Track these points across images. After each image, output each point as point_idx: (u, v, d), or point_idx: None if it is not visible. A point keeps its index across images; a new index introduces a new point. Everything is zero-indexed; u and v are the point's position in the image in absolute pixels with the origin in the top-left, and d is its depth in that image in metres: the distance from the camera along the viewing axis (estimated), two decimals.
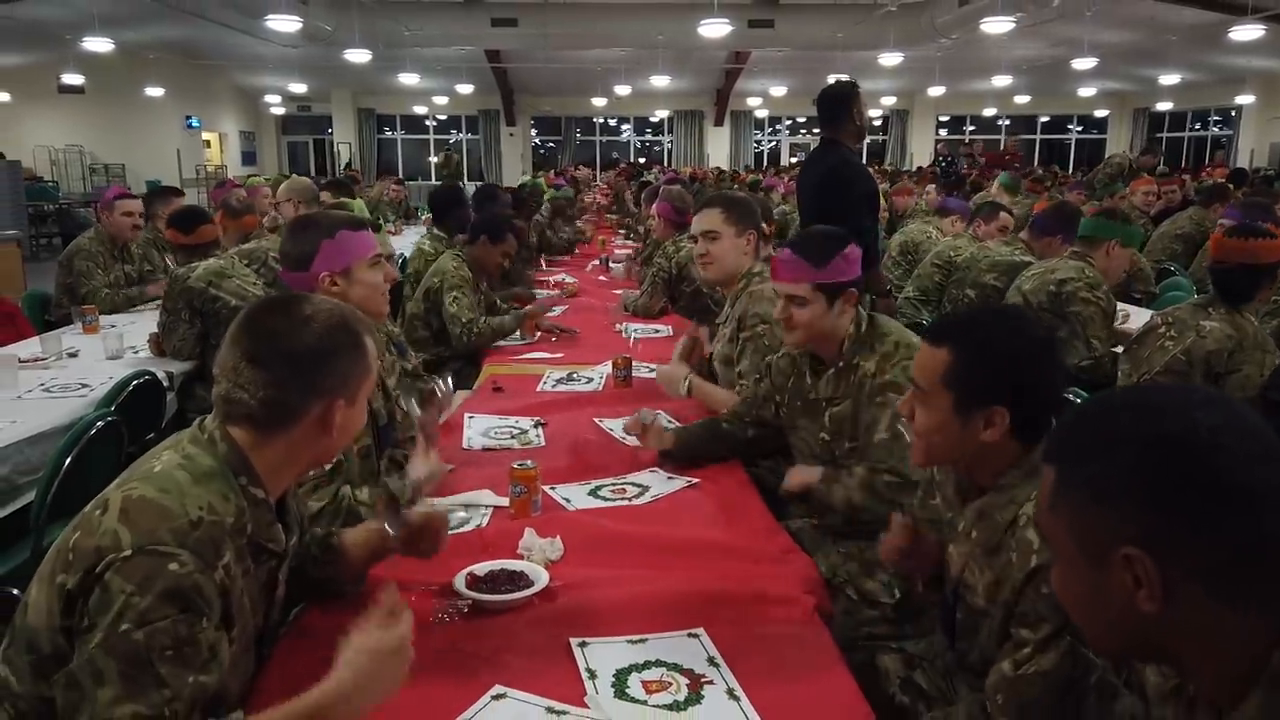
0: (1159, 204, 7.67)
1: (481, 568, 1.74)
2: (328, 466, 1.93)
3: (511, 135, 22.90)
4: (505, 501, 2.12)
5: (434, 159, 22.83)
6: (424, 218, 11.00)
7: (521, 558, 1.82)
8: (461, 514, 2.10)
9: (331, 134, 22.85)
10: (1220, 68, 17.28)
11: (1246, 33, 11.18)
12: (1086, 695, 1.31)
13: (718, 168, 18.00)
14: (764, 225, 3.21)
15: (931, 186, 8.77)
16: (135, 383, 3.02)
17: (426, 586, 1.72)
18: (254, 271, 4.08)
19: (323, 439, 1.39)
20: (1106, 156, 10.71)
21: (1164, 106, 20.47)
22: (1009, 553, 1.39)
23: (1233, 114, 19.32)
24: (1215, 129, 20.72)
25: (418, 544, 1.65)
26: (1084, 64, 15.05)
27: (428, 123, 23.72)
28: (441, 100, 21.66)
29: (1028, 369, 1.46)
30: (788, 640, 1.58)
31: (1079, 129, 23.97)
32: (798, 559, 1.91)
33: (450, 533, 1.99)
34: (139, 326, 4.08)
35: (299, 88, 19.47)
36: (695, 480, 2.32)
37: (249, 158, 22.40)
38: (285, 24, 10.48)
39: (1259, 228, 2.94)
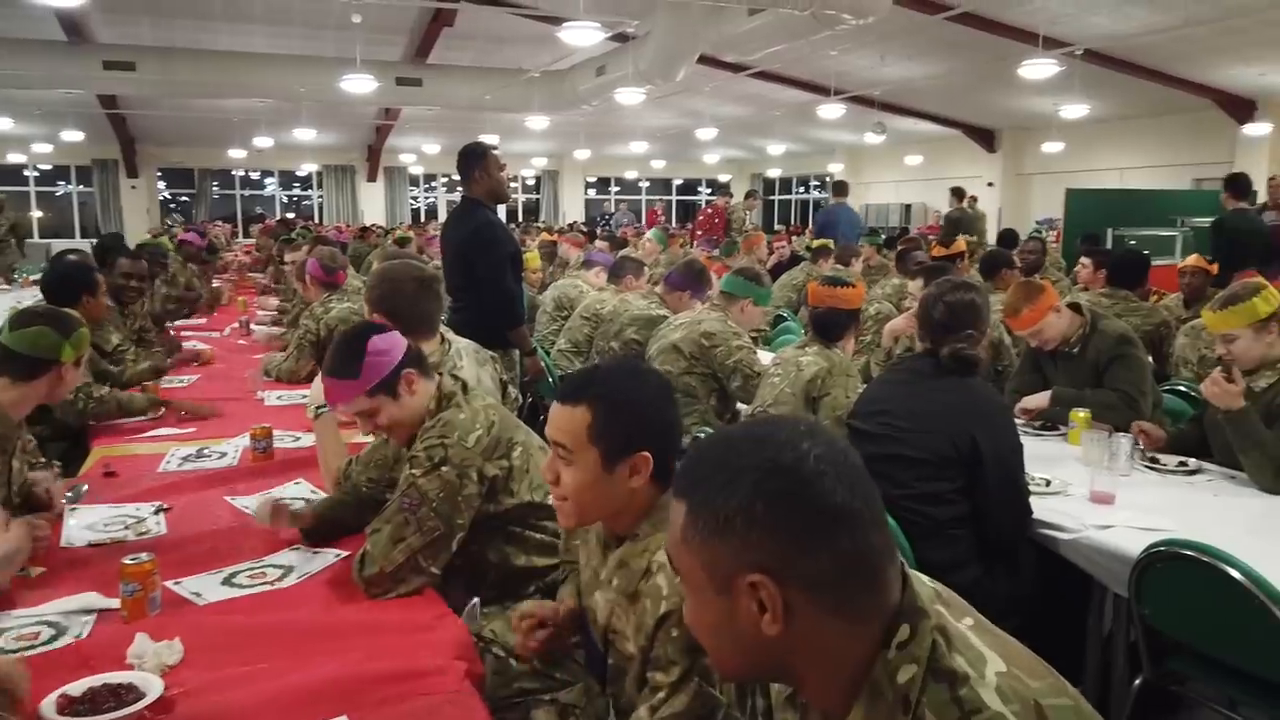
0: (773, 258, 8.80)
1: (77, 686, 1.50)
2: None
3: (134, 188, 20.61)
4: (116, 603, 1.86)
5: (36, 214, 19.89)
6: (22, 279, 9.56)
7: (131, 668, 1.60)
8: (61, 623, 1.81)
9: None
10: (815, 140, 20.10)
11: (831, 110, 13.13)
12: None
13: (376, 224, 17.53)
14: None
15: (602, 243, 9.42)
16: None
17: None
18: None
19: None
20: (728, 214, 12.04)
21: (774, 173, 23.38)
22: (644, 599, 1.45)
23: (828, 179, 22.48)
24: (815, 193, 23.95)
25: None
26: (706, 134, 16.84)
27: (27, 173, 20.67)
28: (44, 148, 18.95)
29: (660, 412, 1.55)
30: (437, 711, 1.53)
31: (708, 191, 26.56)
32: (449, 624, 1.87)
33: (39, 650, 1.72)
34: None
35: None
36: (343, 552, 2.20)
37: None
38: None
39: (843, 279, 3.52)
